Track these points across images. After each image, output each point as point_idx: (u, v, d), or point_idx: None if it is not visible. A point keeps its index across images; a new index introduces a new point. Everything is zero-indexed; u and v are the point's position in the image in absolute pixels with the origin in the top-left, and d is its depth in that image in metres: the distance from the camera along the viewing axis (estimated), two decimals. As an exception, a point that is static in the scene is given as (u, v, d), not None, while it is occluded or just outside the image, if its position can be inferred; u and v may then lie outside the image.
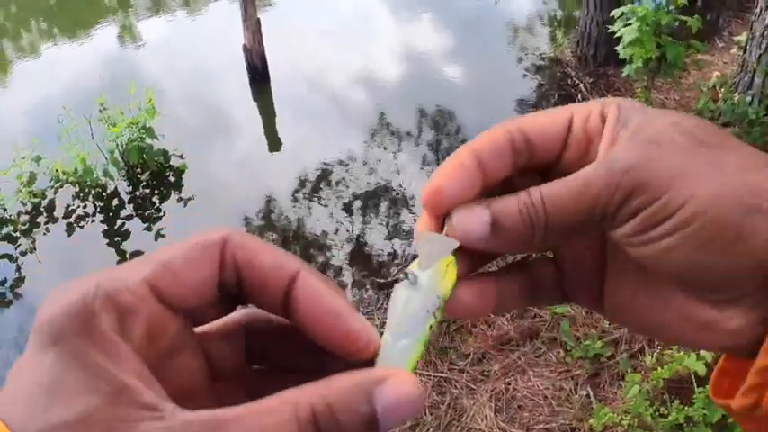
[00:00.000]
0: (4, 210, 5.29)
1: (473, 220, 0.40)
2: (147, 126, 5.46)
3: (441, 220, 0.41)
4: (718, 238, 0.37)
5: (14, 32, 9.42)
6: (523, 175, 0.43)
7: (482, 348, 3.45)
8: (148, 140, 5.48)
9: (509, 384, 3.25)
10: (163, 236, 5.08)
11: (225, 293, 0.38)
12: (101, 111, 5.58)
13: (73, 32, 8.78)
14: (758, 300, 0.38)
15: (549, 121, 0.44)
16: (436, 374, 3.33)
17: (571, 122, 0.43)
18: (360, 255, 4.68)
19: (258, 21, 6.45)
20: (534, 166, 0.44)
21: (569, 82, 6.32)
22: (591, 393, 3.13)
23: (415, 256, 0.42)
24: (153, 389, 0.32)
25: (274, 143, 6.30)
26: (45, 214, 5.33)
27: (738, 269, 0.38)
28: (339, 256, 4.69)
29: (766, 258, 0.37)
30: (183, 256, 0.36)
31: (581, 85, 6.21)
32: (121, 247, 5.05)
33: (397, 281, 0.40)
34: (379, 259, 4.63)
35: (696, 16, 5.01)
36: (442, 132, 6.09)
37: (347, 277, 4.48)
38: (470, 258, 0.42)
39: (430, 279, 0.39)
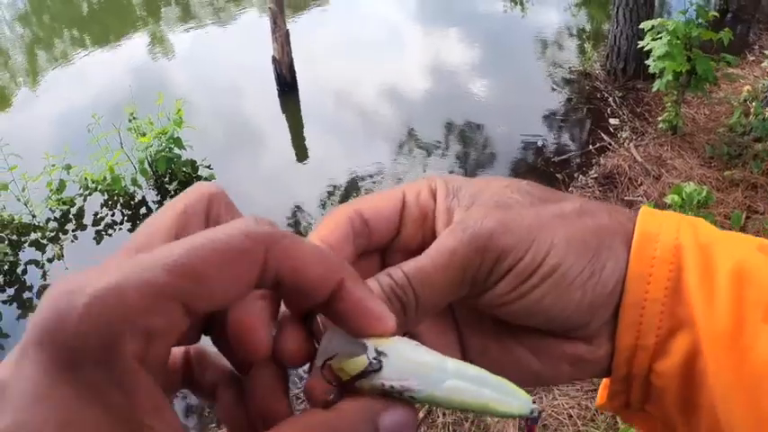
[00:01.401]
0: (33, 216, 5.36)
1: None
2: (176, 136, 5.50)
3: (303, 317, 0.39)
4: (578, 278, 0.42)
5: (47, 42, 9.56)
6: (363, 259, 0.45)
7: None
8: (176, 150, 5.52)
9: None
10: (189, 245, 5.10)
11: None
12: (130, 120, 5.64)
13: (104, 42, 8.89)
14: (614, 324, 0.43)
15: (384, 201, 0.46)
16: (460, 391, 3.30)
17: (404, 201, 0.46)
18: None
19: (287, 32, 6.49)
20: (373, 248, 0.45)
21: (598, 96, 6.29)
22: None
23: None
24: (173, 426, 0.30)
25: (302, 154, 6.33)
26: (73, 221, 5.39)
27: (597, 301, 0.43)
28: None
29: (614, 287, 0.43)
30: (218, 264, 0.31)
31: (610, 99, 6.18)
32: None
33: (363, 377, 0.37)
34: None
35: (727, 29, 4.97)
36: (470, 146, 6.07)
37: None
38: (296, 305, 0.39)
39: (375, 343, 0.37)
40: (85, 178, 5.51)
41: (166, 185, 5.66)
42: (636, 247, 0.43)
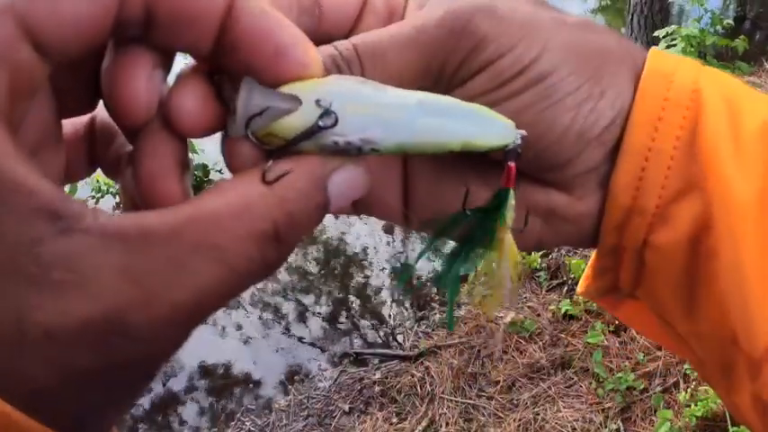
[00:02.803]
0: (47, 218, 5.37)
1: None
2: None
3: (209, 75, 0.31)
4: (572, 96, 0.33)
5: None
6: None
7: (512, 376, 3.40)
8: (189, 155, 5.52)
9: (538, 414, 3.19)
10: (200, 249, 5.12)
11: (119, 36, 0.27)
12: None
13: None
14: (603, 173, 0.35)
15: None
16: (464, 401, 3.29)
17: None
18: (400, 273, 4.66)
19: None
20: (320, 36, 0.35)
21: (612, 103, 6.25)
22: (622, 428, 3.06)
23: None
24: (43, 179, 0.23)
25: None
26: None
27: (588, 134, 0.34)
28: (380, 274, 4.68)
29: (612, 122, 0.34)
30: None
31: (623, 106, 6.13)
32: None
33: (308, 138, 0.28)
34: (420, 279, 4.62)
35: (742, 37, 4.93)
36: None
37: (386, 295, 4.47)
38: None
39: (305, 89, 0.29)
40: (98, 181, 5.53)
41: (178, 188, 5.67)
42: (645, 83, 0.35)
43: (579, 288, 0.41)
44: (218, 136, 0.31)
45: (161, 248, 0.24)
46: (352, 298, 4.35)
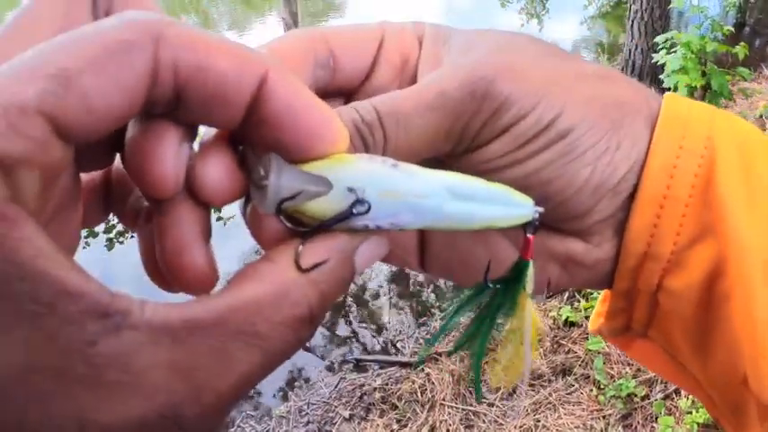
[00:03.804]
0: (47, 224, 5.37)
1: None
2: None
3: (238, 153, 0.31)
4: (591, 151, 0.34)
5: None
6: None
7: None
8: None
9: (539, 421, 3.19)
10: (200, 255, 5.11)
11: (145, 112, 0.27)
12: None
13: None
14: (619, 220, 0.36)
15: (357, 34, 0.37)
16: (464, 407, 3.28)
17: (382, 40, 0.37)
18: (399, 278, 4.66)
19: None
20: (335, 88, 0.36)
21: (612, 109, 6.25)
22: (623, 434, 3.06)
23: None
24: (88, 278, 0.23)
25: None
26: (86, 229, 5.41)
27: (604, 186, 0.35)
28: (378, 278, 4.68)
29: (627, 173, 0.35)
30: (94, 65, 0.24)
31: (624, 112, 6.13)
32: (159, 265, 5.09)
33: (340, 221, 0.29)
34: (418, 283, 4.61)
35: (742, 43, 4.93)
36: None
37: (384, 300, 4.46)
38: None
39: (329, 168, 0.29)
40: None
41: (178, 194, 5.67)
42: (660, 131, 0.35)
43: (591, 327, 0.42)
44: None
45: (205, 339, 0.24)
46: (351, 304, 4.34)
